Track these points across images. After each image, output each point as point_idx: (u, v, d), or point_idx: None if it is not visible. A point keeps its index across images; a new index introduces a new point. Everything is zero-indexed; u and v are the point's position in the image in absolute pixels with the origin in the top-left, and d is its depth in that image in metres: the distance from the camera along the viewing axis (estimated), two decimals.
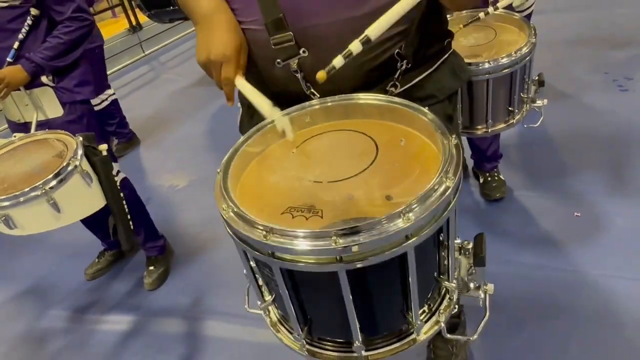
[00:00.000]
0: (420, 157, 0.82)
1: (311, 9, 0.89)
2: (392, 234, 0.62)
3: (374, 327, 0.83)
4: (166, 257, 2.25)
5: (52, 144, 1.58)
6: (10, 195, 1.33)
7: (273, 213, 0.74)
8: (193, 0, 0.99)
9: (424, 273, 0.76)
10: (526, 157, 2.41)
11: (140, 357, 1.85)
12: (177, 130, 3.68)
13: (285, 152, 0.92)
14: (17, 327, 2.13)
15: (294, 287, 0.78)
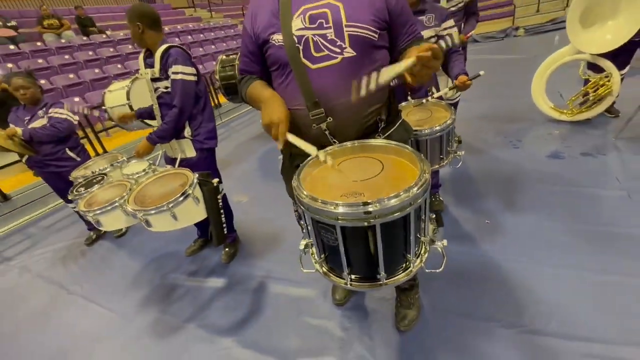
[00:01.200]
0: (405, 170, 0.92)
1: (331, 96, 0.96)
2: (400, 204, 0.77)
3: (390, 265, 0.88)
4: (236, 244, 2.25)
5: (180, 176, 1.58)
6: (150, 207, 1.38)
7: (334, 197, 0.83)
8: (258, 94, 1.04)
9: (415, 231, 0.86)
10: (456, 187, 2.44)
11: (217, 300, 1.84)
12: (240, 167, 3.69)
13: (329, 170, 0.96)
14: (145, 283, 2.12)
15: (344, 241, 0.84)
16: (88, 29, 7.56)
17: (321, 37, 0.92)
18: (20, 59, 5.87)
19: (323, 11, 0.92)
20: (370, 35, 0.94)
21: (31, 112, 2.26)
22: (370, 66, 0.96)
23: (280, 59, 0.98)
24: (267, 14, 0.99)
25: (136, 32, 1.67)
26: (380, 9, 0.94)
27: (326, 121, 0.98)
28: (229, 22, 11.36)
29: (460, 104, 3.19)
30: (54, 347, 1.78)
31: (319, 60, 0.94)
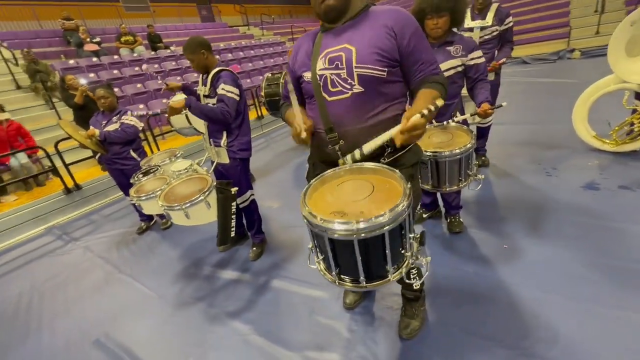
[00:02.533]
0: (393, 193, 1.04)
1: (344, 122, 1.14)
2: (377, 224, 0.91)
3: (370, 272, 1.03)
4: (263, 244, 2.46)
5: (203, 181, 1.86)
6: (169, 204, 1.69)
7: (325, 213, 1.00)
8: (290, 116, 1.28)
9: (393, 247, 0.99)
10: (479, 209, 2.45)
11: (240, 291, 2.04)
12: (275, 175, 3.97)
13: (333, 187, 1.14)
14: (182, 270, 2.41)
15: (332, 248, 1.02)
16: (156, 44, 8.59)
17: (336, 75, 1.12)
18: (100, 69, 6.86)
19: (339, 54, 1.11)
20: (377, 74, 1.08)
21: (107, 117, 2.73)
22: (378, 99, 1.12)
23: (309, 92, 1.22)
24: (303, 54, 1.22)
25: (202, 59, 1.99)
26: (390, 50, 1.07)
27: (339, 143, 1.17)
28: (278, 40, 12.14)
29: (496, 128, 3.19)
30: (107, 313, 2.12)
31: (334, 94, 1.14)
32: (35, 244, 3.32)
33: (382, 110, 1.14)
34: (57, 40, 7.88)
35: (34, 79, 5.99)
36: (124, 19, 10.83)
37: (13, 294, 2.52)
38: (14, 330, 2.13)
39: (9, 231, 3.49)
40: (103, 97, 2.65)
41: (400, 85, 1.16)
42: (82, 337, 1.95)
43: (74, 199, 4.00)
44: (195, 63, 2.01)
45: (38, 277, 2.69)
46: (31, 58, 6.02)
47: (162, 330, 1.90)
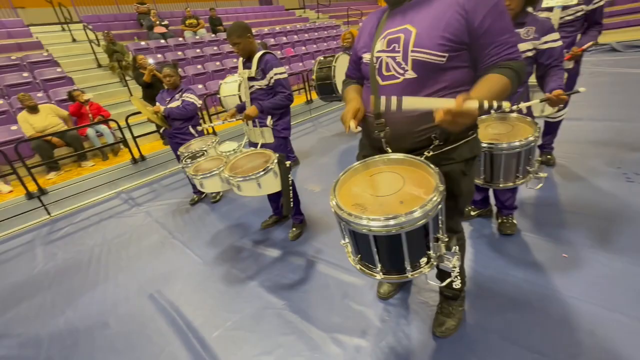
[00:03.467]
0: (423, 191, 0.99)
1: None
2: (392, 225, 0.90)
3: (386, 266, 1.03)
4: (303, 225, 2.53)
5: (264, 155, 1.95)
6: (242, 176, 1.75)
7: (349, 204, 1.00)
8: (346, 97, 1.27)
9: (412, 247, 0.96)
10: (538, 212, 2.24)
11: (276, 268, 2.13)
12: (319, 159, 4.00)
13: (365, 177, 1.13)
14: (226, 242, 2.58)
15: (353, 237, 1.03)
16: (217, 27, 8.98)
17: (392, 59, 1.06)
18: (166, 51, 7.39)
19: (398, 36, 1.04)
20: (433, 60, 0.98)
21: (171, 94, 2.96)
22: (432, 87, 1.03)
23: (366, 74, 1.18)
24: (366, 35, 1.18)
25: (248, 43, 2.08)
26: (457, 32, 0.96)
27: (384, 130, 1.12)
28: (333, 23, 11.95)
29: (569, 123, 2.86)
30: (160, 272, 2.36)
31: (386, 79, 1.09)
32: (106, 205, 3.78)
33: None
34: (131, 23, 8.62)
35: (112, 59, 6.67)
36: (189, 2, 11.46)
37: (88, 246, 2.91)
38: (88, 276, 2.47)
39: (87, 192, 4.01)
40: (169, 75, 2.87)
41: (465, 72, 1.03)
42: (139, 291, 2.20)
43: (139, 168, 4.45)
44: (241, 47, 2.08)
45: (108, 234, 3.08)
46: (110, 39, 6.68)
47: (206, 294, 2.07)
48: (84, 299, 2.23)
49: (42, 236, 3.26)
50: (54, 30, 7.79)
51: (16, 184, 3.99)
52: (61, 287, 2.40)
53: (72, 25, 7.70)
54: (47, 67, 5.99)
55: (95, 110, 4.90)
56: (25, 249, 3.06)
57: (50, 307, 2.20)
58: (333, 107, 6.68)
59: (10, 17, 8.13)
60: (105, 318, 2.02)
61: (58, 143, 4.39)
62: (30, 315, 2.15)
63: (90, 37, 6.88)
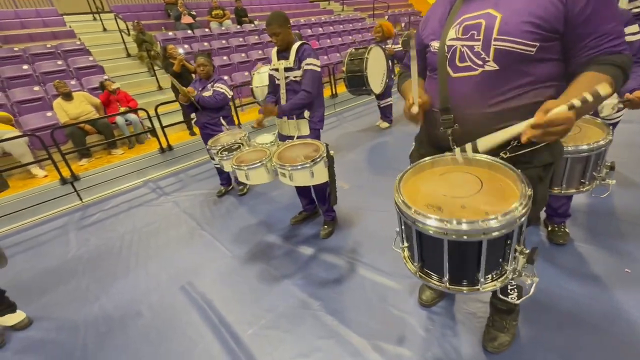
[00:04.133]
0: (506, 195, 0.89)
1: (464, 105, 0.98)
2: (474, 230, 0.80)
3: (457, 276, 0.93)
4: (334, 223, 2.46)
5: (311, 145, 1.94)
6: (290, 165, 1.74)
7: (419, 203, 0.91)
8: (404, 91, 1.18)
9: (491, 257, 0.87)
10: (592, 220, 2.08)
11: (310, 267, 2.07)
12: (346, 155, 3.89)
13: (433, 176, 1.04)
14: (256, 236, 2.54)
15: (419, 240, 0.94)
16: (242, 18, 8.95)
17: (468, 48, 0.94)
18: (193, 41, 7.42)
19: (478, 22, 0.92)
20: (522, 50, 0.87)
21: (204, 84, 2.92)
22: (515, 81, 0.91)
23: (432, 64, 1.07)
24: (435, 21, 1.07)
25: (288, 33, 2.04)
26: (551, 18, 0.83)
27: (452, 127, 1.02)
28: (358, 16, 11.70)
29: (623, 126, 2.64)
30: (190, 264, 2.35)
31: (460, 70, 0.97)
32: (135, 193, 3.82)
33: (518, 95, 0.92)
34: (159, 14, 8.71)
35: (141, 49, 6.75)
36: None
37: (119, 233, 2.94)
38: (119, 263, 2.49)
39: (116, 180, 4.08)
40: (202, 64, 2.83)
41: (554, 65, 0.90)
42: (170, 281, 2.19)
43: (167, 158, 4.49)
44: (280, 37, 2.03)
45: (138, 222, 3.10)
46: (140, 29, 6.76)
47: (238, 289, 2.03)
48: (117, 285, 2.24)
49: (75, 221, 3.33)
50: (85, 20, 7.96)
51: (50, 169, 4.10)
52: (94, 272, 2.42)
53: (102, 14, 7.84)
54: (79, 56, 6.13)
55: (124, 98, 4.97)
56: (59, 233, 3.13)
57: (84, 292, 2.23)
58: (357, 101, 6.54)
59: (45, 6, 8.36)
60: (137, 307, 2.02)
61: (90, 130, 4.48)
62: (66, 300, 2.18)
63: (121, 26, 6.98)
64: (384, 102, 4.65)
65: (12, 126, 4.13)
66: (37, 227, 3.31)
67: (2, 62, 5.41)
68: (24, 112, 4.69)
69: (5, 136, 3.72)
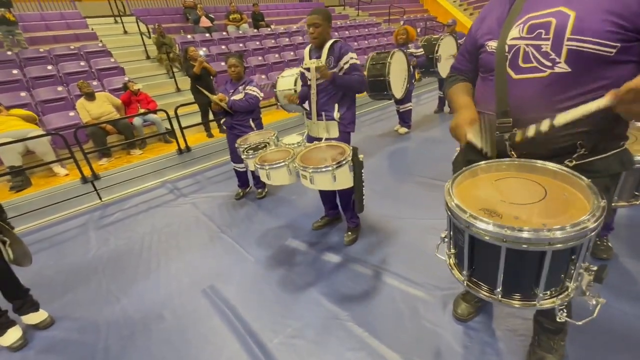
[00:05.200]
0: (573, 205, 0.83)
1: (527, 107, 0.93)
2: (539, 239, 0.75)
3: (511, 287, 0.87)
4: (358, 229, 2.39)
5: (338, 148, 1.87)
6: (312, 167, 1.68)
7: (474, 208, 0.85)
8: (455, 99, 1.12)
9: (553, 270, 0.81)
10: (635, 234, 1.97)
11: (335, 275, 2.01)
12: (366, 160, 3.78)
13: (489, 181, 0.99)
14: (278, 241, 2.50)
15: (470, 246, 0.88)
16: (259, 22, 9.04)
17: (534, 47, 0.89)
18: (211, 44, 7.51)
19: (547, 20, 0.86)
20: (600, 51, 0.81)
21: (235, 86, 2.90)
22: (588, 84, 0.85)
23: (488, 64, 1.01)
24: (493, 20, 1.01)
25: (328, 28, 2.01)
26: (633, 17, 0.77)
27: (510, 132, 0.96)
28: (373, 21, 11.71)
29: None
30: (212, 267, 2.31)
31: (524, 72, 0.92)
32: (154, 194, 3.83)
33: (589, 99, 0.84)
34: (178, 17, 8.87)
35: (160, 51, 6.86)
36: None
37: (139, 233, 2.94)
38: (140, 264, 2.48)
39: (135, 180, 4.11)
40: (234, 65, 2.81)
41: (633, 67, 0.84)
42: (192, 285, 2.16)
43: (185, 159, 4.51)
44: (320, 30, 2.00)
45: (157, 222, 3.10)
46: (160, 32, 6.88)
47: (262, 296, 1.98)
48: (138, 287, 2.22)
49: (95, 220, 3.35)
50: (107, 23, 8.16)
51: (70, 168, 4.15)
52: (115, 273, 2.41)
53: (123, 18, 8.02)
54: (101, 57, 6.26)
55: (144, 99, 5.03)
56: (80, 231, 3.15)
57: (105, 293, 2.21)
58: (375, 105, 6.49)
59: (69, 9, 8.61)
60: (159, 309, 1.99)
61: (111, 130, 4.54)
62: (87, 300, 2.17)
63: (142, 29, 7.12)
64: (403, 107, 4.59)
65: (37, 125, 4.22)
66: (59, 224, 3.34)
67: (28, 62, 5.56)
68: (47, 111, 4.79)
69: (30, 135, 3.79)
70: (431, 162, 3.51)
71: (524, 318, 1.52)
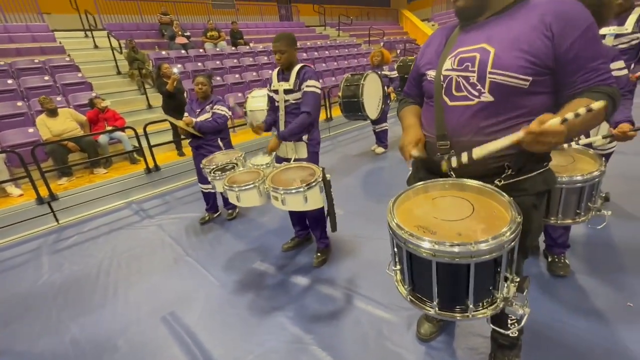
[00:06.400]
0: (496, 220, 0.94)
1: (460, 133, 1.05)
2: (463, 252, 0.84)
3: (446, 300, 0.96)
4: (328, 250, 2.44)
5: (307, 169, 1.96)
6: (289, 188, 1.75)
7: (410, 225, 0.95)
8: (404, 120, 1.26)
9: (479, 282, 0.91)
10: (591, 253, 2.12)
11: (302, 297, 2.04)
12: (340, 180, 3.95)
13: (426, 200, 1.09)
14: (245, 264, 2.50)
15: (409, 262, 0.98)
16: (237, 40, 9.29)
17: (464, 78, 1.02)
18: (187, 61, 7.62)
19: (473, 55, 1.00)
20: (516, 83, 0.94)
21: (201, 106, 2.97)
22: (510, 112, 0.98)
23: (429, 91, 1.15)
24: (432, 51, 1.16)
25: (293, 54, 2.16)
26: (541, 54, 0.91)
27: (449, 153, 1.08)
28: (354, 41, 12.27)
29: (617, 157, 2.77)
30: (174, 293, 2.28)
31: (456, 99, 1.05)
32: (116, 215, 3.76)
33: (512, 126, 0.98)
34: (153, 33, 8.99)
35: (132, 66, 6.90)
36: (212, 15, 11.95)
37: (97, 258, 2.87)
38: (96, 291, 2.41)
39: (97, 200, 4.02)
40: (201, 83, 2.89)
41: (547, 97, 0.98)
42: (152, 312, 2.12)
43: (153, 178, 4.47)
44: (285, 56, 2.14)
45: (118, 246, 3.04)
46: (132, 47, 6.94)
47: (225, 321, 1.98)
48: (92, 316, 2.16)
49: (49, 244, 3.24)
50: (77, 37, 8.15)
51: (26, 188, 4.03)
52: (67, 301, 2.34)
53: (95, 32, 8.05)
54: (67, 72, 6.21)
55: (111, 116, 5.01)
56: (31, 256, 3.04)
57: (55, 323, 2.14)
58: (352, 125, 6.72)
59: (37, 22, 8.56)
60: (114, 339, 1.94)
61: (73, 148, 4.46)
62: (34, 331, 2.08)
63: (113, 44, 7.16)
64: (379, 127, 4.80)
65: None
66: (7, 249, 3.21)
67: None
68: (4, 127, 4.66)
69: None
70: (406, 182, 3.66)
71: (484, 336, 1.61)
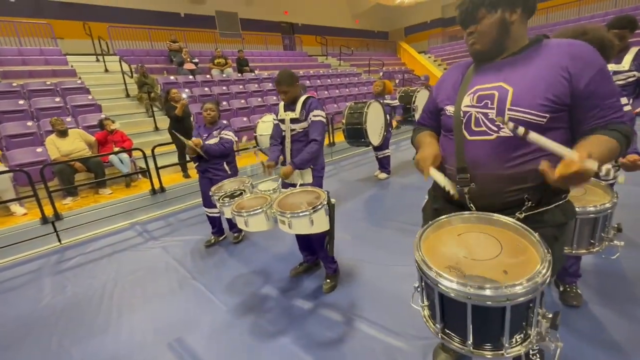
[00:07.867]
0: (526, 258, 0.94)
1: (480, 166, 1.07)
2: (499, 296, 0.84)
3: (480, 339, 0.94)
4: (337, 276, 2.41)
5: (313, 193, 2.00)
6: (290, 212, 1.76)
7: (440, 265, 0.95)
8: (422, 140, 1.29)
9: (516, 320, 0.90)
10: (603, 282, 2.11)
11: (309, 323, 1.99)
12: (344, 205, 3.95)
13: (452, 235, 1.09)
14: (252, 288, 2.46)
15: (441, 301, 0.97)
16: (243, 67, 9.60)
17: (483, 115, 1.06)
18: (194, 86, 7.83)
19: (491, 92, 1.05)
20: (534, 120, 0.97)
21: (209, 131, 3.04)
22: (528, 146, 1.00)
23: (447, 126, 1.19)
24: (449, 86, 1.21)
25: (296, 90, 2.31)
26: (559, 93, 0.95)
27: (469, 186, 1.10)
28: (354, 71, 12.70)
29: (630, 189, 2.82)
30: (180, 317, 2.23)
31: (476, 134, 1.08)
32: (120, 237, 3.72)
33: (531, 160, 1.01)
34: (162, 59, 9.29)
35: (141, 90, 7.07)
36: (219, 43, 12.41)
37: (100, 280, 2.81)
38: (99, 315, 2.35)
39: (101, 221, 3.99)
40: (210, 109, 2.99)
41: (563, 132, 1.02)
42: (157, 337, 2.06)
43: (157, 200, 4.47)
44: (289, 94, 2.30)
45: (122, 268, 2.99)
46: (143, 71, 7.15)
47: (232, 347, 1.92)
48: (94, 341, 2.09)
49: (51, 265, 3.18)
50: (88, 61, 8.41)
51: (30, 207, 4.01)
52: (69, 325, 2.27)
53: (106, 57, 8.31)
54: (78, 94, 6.35)
55: (119, 138, 5.07)
56: (33, 277, 2.97)
57: (56, 348, 2.06)
58: (354, 151, 6.81)
59: (50, 46, 8.84)
60: None
61: (80, 168, 4.48)
62: (33, 358, 2.00)
63: (125, 68, 7.37)
64: (382, 154, 4.88)
65: None
66: (8, 269, 3.14)
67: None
68: (13, 146, 4.70)
69: None
70: (409, 207, 3.67)
71: None
